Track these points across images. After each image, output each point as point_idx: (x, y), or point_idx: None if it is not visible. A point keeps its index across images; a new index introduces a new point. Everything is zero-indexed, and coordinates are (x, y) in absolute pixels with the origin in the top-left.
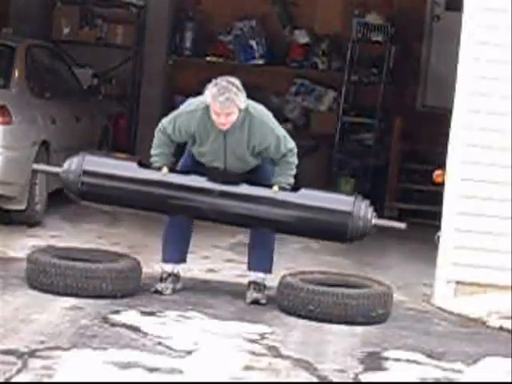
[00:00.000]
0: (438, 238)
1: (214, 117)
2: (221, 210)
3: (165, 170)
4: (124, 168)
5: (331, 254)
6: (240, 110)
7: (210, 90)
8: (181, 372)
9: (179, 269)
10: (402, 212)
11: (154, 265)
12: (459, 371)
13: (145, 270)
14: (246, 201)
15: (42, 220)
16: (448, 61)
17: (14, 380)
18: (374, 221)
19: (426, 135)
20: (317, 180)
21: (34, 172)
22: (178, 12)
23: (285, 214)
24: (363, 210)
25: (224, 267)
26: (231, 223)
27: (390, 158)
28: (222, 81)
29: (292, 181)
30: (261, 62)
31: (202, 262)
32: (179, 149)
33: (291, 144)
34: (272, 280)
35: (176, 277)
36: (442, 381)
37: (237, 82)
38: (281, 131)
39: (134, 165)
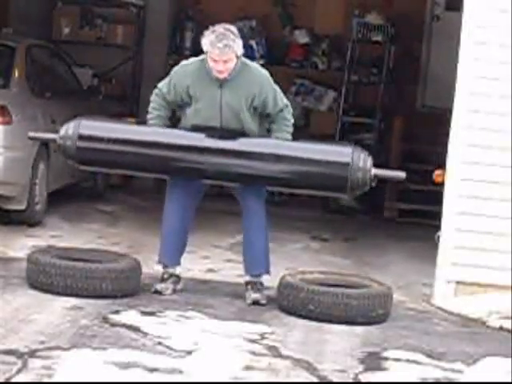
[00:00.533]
0: (438, 237)
1: (211, 64)
2: (221, 169)
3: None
4: (121, 131)
5: (331, 254)
6: (237, 57)
7: (208, 37)
8: (181, 372)
9: (179, 270)
10: (401, 212)
11: (153, 265)
12: (459, 371)
13: (145, 270)
14: (244, 158)
15: (41, 220)
16: (448, 61)
17: (14, 380)
18: (374, 171)
19: (426, 135)
20: None
21: (31, 139)
22: (178, 12)
23: (283, 170)
24: (362, 161)
25: (224, 267)
26: (231, 181)
27: (390, 158)
28: (219, 28)
29: (289, 137)
30: (261, 62)
31: (201, 261)
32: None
33: (286, 100)
34: (272, 280)
35: (177, 277)
36: (442, 381)
37: (234, 28)
38: (276, 86)
39: (131, 127)
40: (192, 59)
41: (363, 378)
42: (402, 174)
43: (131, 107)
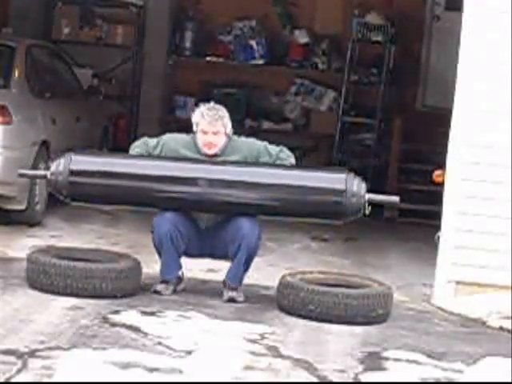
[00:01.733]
0: (438, 237)
1: (201, 138)
2: (213, 200)
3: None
4: (113, 165)
5: (331, 254)
6: (227, 136)
7: (199, 109)
8: (181, 372)
9: (181, 272)
10: (402, 212)
11: (153, 265)
12: (459, 371)
13: (145, 270)
14: (237, 188)
15: (41, 220)
16: (448, 61)
17: (13, 380)
18: (368, 196)
19: (425, 135)
20: None
21: (21, 177)
22: (178, 12)
23: (275, 198)
24: (356, 187)
25: (224, 267)
26: (226, 211)
27: (390, 158)
28: (210, 103)
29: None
30: (261, 62)
31: (202, 262)
32: None
33: (278, 146)
34: (272, 280)
35: (179, 278)
36: (442, 381)
37: (223, 108)
38: (264, 142)
39: (123, 160)
40: (182, 134)
41: (363, 378)
42: (395, 199)
43: (131, 107)
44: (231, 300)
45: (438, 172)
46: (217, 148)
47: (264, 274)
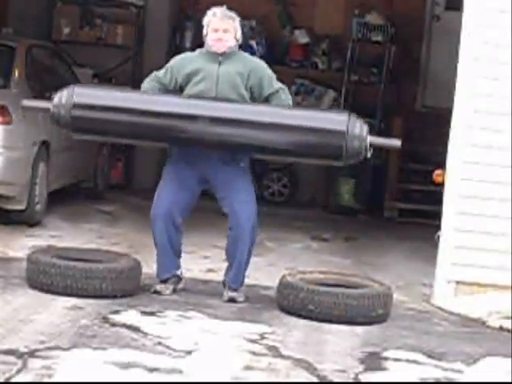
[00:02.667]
0: (438, 237)
1: (211, 37)
2: (216, 138)
3: None
4: (116, 99)
5: (331, 253)
6: (236, 40)
7: (210, 11)
8: (181, 372)
9: (179, 271)
10: (402, 212)
11: (153, 265)
12: (459, 371)
13: (145, 270)
14: (239, 127)
15: (41, 220)
16: (448, 61)
17: (13, 380)
18: (370, 139)
19: (425, 135)
20: (317, 180)
21: (24, 109)
22: (178, 12)
23: (277, 138)
24: (358, 129)
25: (224, 267)
26: (226, 149)
27: (390, 158)
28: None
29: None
30: None
31: (201, 262)
32: None
33: (284, 86)
34: (272, 280)
35: (178, 278)
36: (442, 381)
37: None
38: (273, 73)
39: (126, 94)
40: (188, 52)
41: (363, 378)
42: (397, 142)
43: None
44: (231, 300)
45: (438, 172)
46: (226, 46)
47: (264, 274)
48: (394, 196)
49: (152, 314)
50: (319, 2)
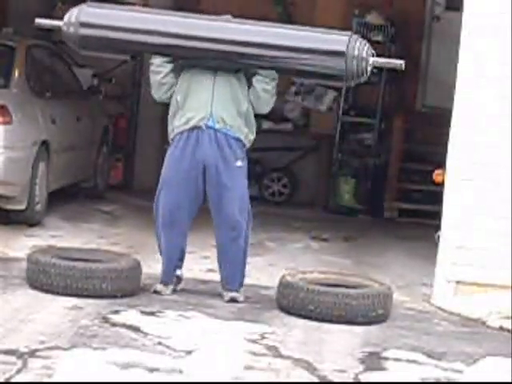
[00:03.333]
0: (438, 237)
1: None
2: (221, 57)
3: None
4: (123, 18)
5: (331, 254)
6: None
7: None
8: (181, 372)
9: (180, 272)
10: (401, 212)
11: (154, 265)
12: (459, 371)
13: (145, 270)
14: (242, 46)
15: (41, 220)
16: (448, 61)
17: (13, 380)
18: (372, 59)
19: (426, 135)
20: (317, 180)
21: (38, 26)
22: (178, 12)
23: (279, 57)
24: (358, 50)
25: None
26: (230, 64)
27: (390, 158)
28: None
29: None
30: None
31: (202, 261)
32: None
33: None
34: (272, 280)
35: (178, 278)
36: (442, 381)
37: None
38: None
39: (134, 14)
40: None
41: (363, 377)
42: (400, 62)
43: (131, 107)
44: (232, 300)
45: (438, 172)
46: None
47: (264, 274)
48: (394, 196)
49: (152, 314)
50: (319, 2)
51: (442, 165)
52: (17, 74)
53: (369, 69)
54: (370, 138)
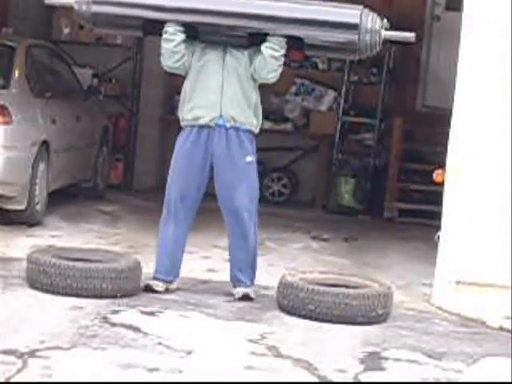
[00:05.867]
0: (438, 237)
1: None
2: (232, 31)
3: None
4: None
5: (331, 253)
6: None
7: None
8: (181, 372)
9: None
10: (401, 212)
11: (153, 265)
12: (459, 371)
13: (145, 270)
14: (252, 19)
15: (41, 220)
16: (448, 61)
17: (13, 380)
18: (383, 33)
19: (426, 135)
20: (317, 180)
21: (48, 5)
22: None
23: (291, 30)
24: (370, 23)
25: (224, 267)
26: (240, 40)
27: (390, 158)
28: None
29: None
30: None
31: (202, 262)
32: None
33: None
34: (272, 280)
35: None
36: (442, 381)
37: None
38: None
39: None
40: None
41: (363, 377)
42: (411, 35)
43: (131, 107)
44: (245, 297)
45: (438, 171)
46: None
47: (264, 274)
48: (394, 196)
49: (152, 314)
50: None
51: (442, 165)
52: (17, 74)
53: (381, 41)
54: (370, 138)
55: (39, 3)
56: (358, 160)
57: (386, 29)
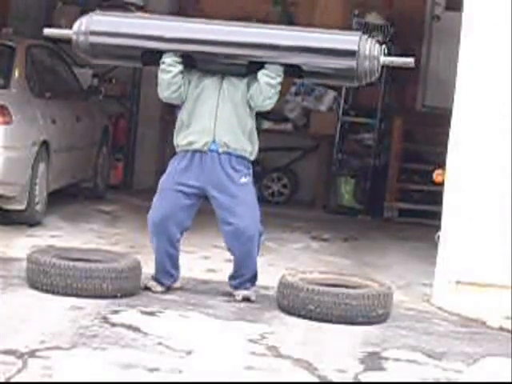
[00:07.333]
0: (438, 237)
1: None
2: (230, 60)
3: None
4: (131, 26)
5: (331, 254)
6: None
7: None
8: (181, 372)
9: (177, 273)
10: (401, 212)
11: (153, 265)
12: (459, 371)
13: (145, 270)
14: (250, 48)
15: (41, 220)
16: (448, 61)
17: (13, 380)
18: (382, 59)
19: (426, 135)
20: (317, 180)
21: (47, 36)
22: (178, 12)
23: (290, 58)
24: (369, 49)
25: (224, 267)
26: (239, 68)
27: (390, 158)
28: None
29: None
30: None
31: (202, 262)
32: None
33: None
34: (272, 280)
35: (173, 277)
36: (442, 381)
37: None
38: None
39: (144, 21)
40: None
41: (363, 377)
42: (410, 60)
43: (131, 107)
44: (246, 299)
45: (438, 171)
46: None
47: (264, 274)
48: (394, 196)
49: (152, 314)
50: (319, 2)
51: (441, 165)
52: (17, 74)
53: (379, 68)
54: (370, 138)
55: (39, 3)
56: (358, 160)
57: (385, 54)
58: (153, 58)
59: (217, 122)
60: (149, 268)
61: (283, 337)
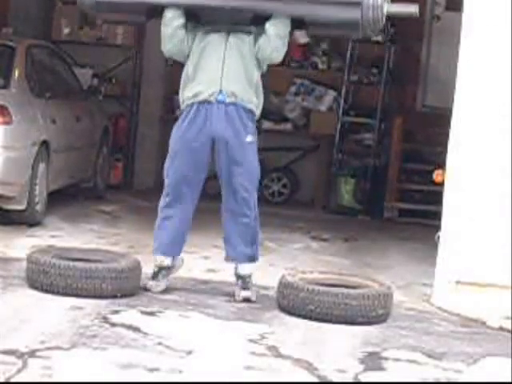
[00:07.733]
0: (438, 237)
1: None
2: (236, 11)
3: None
4: None
5: (331, 254)
6: None
7: None
8: (181, 372)
9: (171, 261)
10: (401, 212)
11: (153, 265)
12: (459, 371)
13: (145, 270)
14: (254, 0)
15: (41, 220)
16: (448, 61)
17: (13, 380)
18: (386, 7)
19: (426, 135)
20: (317, 180)
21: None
22: None
23: (295, 9)
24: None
25: (224, 267)
26: (245, 20)
27: (390, 158)
28: None
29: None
30: None
31: (201, 262)
32: None
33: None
34: (272, 280)
35: (168, 269)
36: (442, 381)
37: None
38: None
39: None
40: None
41: (363, 377)
42: (415, 9)
43: (131, 107)
44: (246, 300)
45: (438, 171)
46: None
47: (264, 274)
48: (394, 196)
49: (152, 314)
50: None
51: (441, 165)
52: (17, 74)
53: (384, 17)
54: (370, 138)
55: (39, 3)
56: (358, 160)
57: (389, 2)
58: (157, 11)
59: (224, 72)
60: (149, 268)
61: (283, 337)
